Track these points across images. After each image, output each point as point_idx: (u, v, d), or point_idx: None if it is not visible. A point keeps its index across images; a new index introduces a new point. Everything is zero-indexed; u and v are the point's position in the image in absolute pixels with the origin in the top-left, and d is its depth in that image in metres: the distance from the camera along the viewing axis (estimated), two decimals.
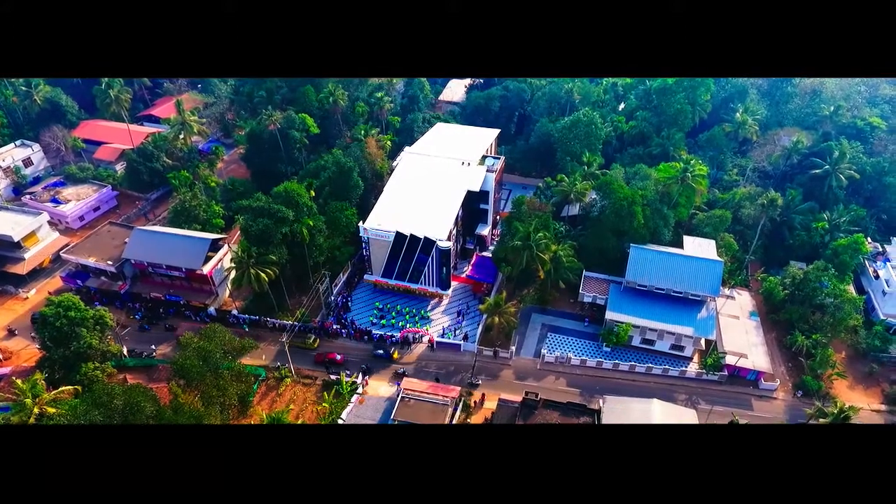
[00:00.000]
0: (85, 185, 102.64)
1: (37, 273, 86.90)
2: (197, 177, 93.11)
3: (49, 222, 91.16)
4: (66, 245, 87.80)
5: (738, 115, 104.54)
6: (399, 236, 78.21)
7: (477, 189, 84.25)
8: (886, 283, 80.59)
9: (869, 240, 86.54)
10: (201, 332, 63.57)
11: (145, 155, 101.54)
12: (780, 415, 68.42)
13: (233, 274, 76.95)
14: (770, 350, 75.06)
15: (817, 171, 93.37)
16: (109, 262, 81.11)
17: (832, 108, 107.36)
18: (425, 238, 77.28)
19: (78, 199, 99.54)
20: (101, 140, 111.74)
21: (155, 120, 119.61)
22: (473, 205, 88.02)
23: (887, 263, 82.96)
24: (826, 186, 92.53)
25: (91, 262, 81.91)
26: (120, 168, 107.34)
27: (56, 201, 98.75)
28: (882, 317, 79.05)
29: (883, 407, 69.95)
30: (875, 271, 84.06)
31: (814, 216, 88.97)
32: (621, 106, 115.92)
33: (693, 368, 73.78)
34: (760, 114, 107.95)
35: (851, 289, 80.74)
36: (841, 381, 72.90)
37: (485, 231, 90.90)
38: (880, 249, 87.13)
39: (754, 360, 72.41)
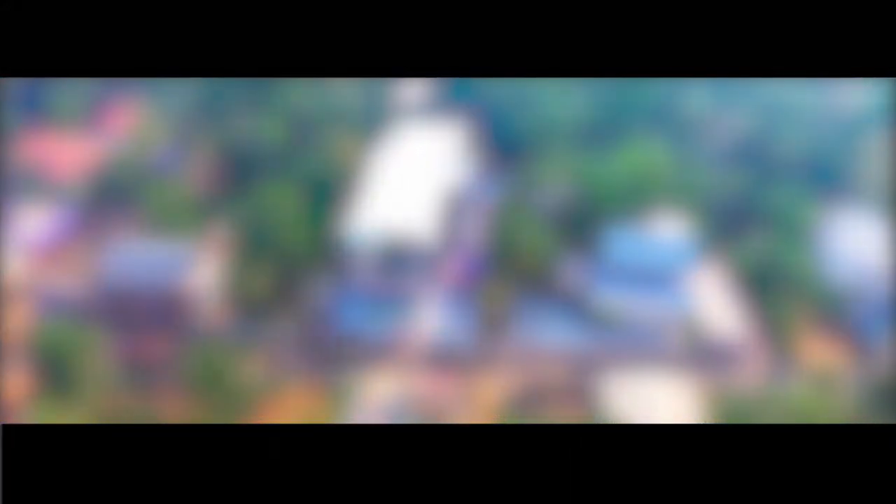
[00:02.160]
0: (41, 206, 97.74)
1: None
2: (168, 188, 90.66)
3: (8, 248, 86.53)
4: (31, 271, 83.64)
5: (688, 100, 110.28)
6: (385, 236, 78.81)
7: (458, 184, 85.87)
8: (839, 248, 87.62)
9: (819, 210, 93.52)
10: (201, 342, 62.57)
11: (106, 170, 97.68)
12: (761, 380, 73.35)
13: (221, 284, 75.59)
14: (744, 318, 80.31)
15: (767, 148, 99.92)
16: (83, 284, 78.11)
17: (773, 91, 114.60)
18: (412, 236, 78.25)
19: (35, 222, 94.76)
20: (52, 156, 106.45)
21: (107, 131, 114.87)
22: (456, 200, 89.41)
23: (838, 230, 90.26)
24: (776, 162, 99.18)
25: (62, 284, 78.64)
26: (77, 186, 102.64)
27: (13, 225, 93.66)
28: (837, 279, 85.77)
29: (851, 363, 76.34)
30: (827, 238, 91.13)
31: (770, 190, 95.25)
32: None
33: (677, 341, 77.98)
34: (708, 98, 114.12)
35: (809, 256, 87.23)
36: (811, 342, 78.99)
37: (469, 225, 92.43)
38: (830, 218, 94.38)
39: (731, 330, 77.47)
